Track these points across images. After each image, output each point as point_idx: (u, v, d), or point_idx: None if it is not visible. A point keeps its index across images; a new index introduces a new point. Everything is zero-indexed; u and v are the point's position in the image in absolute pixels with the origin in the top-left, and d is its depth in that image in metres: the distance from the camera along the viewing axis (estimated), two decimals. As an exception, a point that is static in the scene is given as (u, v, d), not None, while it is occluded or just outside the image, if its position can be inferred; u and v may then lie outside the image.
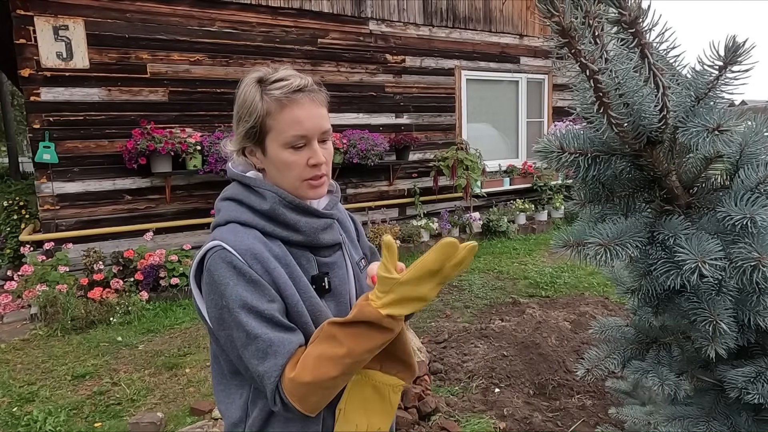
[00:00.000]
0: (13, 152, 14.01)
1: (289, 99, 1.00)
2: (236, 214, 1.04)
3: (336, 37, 6.82)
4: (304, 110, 1.00)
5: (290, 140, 1.01)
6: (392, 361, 1.05)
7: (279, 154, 1.02)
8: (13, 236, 6.46)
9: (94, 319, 4.66)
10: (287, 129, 1.00)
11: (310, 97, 1.02)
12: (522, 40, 8.63)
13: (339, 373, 0.93)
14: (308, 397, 0.93)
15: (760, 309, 0.98)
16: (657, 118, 0.86)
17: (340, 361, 0.92)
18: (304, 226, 1.05)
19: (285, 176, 1.04)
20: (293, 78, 1.01)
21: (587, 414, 2.88)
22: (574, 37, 0.78)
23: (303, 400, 0.93)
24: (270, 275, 0.99)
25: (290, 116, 1.00)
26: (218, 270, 0.96)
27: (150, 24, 5.61)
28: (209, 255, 0.98)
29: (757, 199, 0.89)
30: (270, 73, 1.03)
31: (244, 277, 0.96)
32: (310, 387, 0.92)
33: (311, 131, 1.01)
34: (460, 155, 7.34)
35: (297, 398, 0.93)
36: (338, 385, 0.96)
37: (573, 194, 1.11)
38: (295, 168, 1.02)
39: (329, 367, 0.92)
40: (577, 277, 5.63)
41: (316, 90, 1.04)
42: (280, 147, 1.02)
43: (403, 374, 1.06)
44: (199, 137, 5.64)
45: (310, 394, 0.93)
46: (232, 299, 0.95)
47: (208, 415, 2.85)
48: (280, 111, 1.00)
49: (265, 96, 1.01)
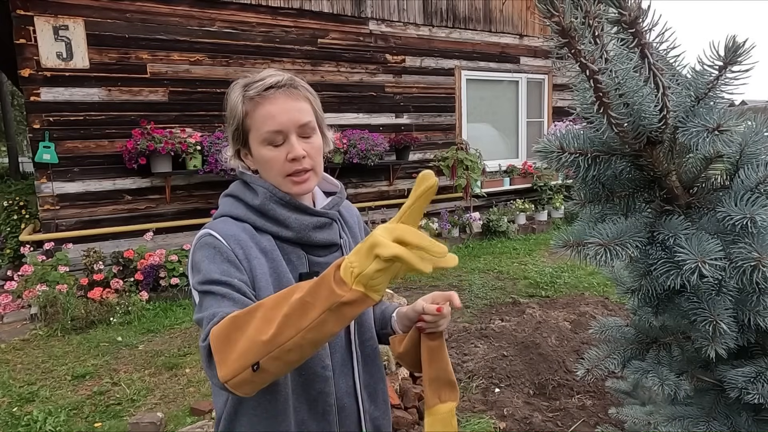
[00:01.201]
0: (13, 152, 14.02)
1: (261, 96, 1.01)
2: (231, 209, 1.07)
3: (336, 37, 6.82)
4: (277, 105, 1.01)
5: (266, 136, 1.02)
6: (446, 388, 1.10)
7: (259, 152, 1.04)
8: (13, 236, 6.47)
9: (94, 319, 4.66)
10: (262, 125, 1.02)
11: (286, 92, 1.02)
12: (522, 40, 8.63)
13: (266, 311, 0.78)
14: (230, 336, 0.79)
15: (760, 309, 0.98)
16: (657, 118, 0.86)
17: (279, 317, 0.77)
18: (294, 222, 1.05)
19: (268, 174, 1.06)
20: (269, 77, 1.03)
21: (587, 414, 2.88)
22: (574, 37, 0.78)
23: (223, 340, 0.80)
24: (249, 263, 0.99)
25: (263, 112, 1.01)
26: (199, 250, 0.99)
27: (150, 24, 5.61)
28: (196, 240, 1.02)
29: (757, 199, 0.89)
30: (252, 77, 1.06)
31: (221, 255, 0.97)
32: (234, 319, 0.80)
33: (286, 125, 1.01)
34: (460, 155, 7.35)
35: (217, 334, 0.80)
36: (259, 330, 0.77)
37: (573, 194, 1.11)
38: (274, 164, 1.03)
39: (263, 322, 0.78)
40: (577, 277, 5.63)
41: (293, 86, 1.04)
42: (259, 145, 1.04)
43: (454, 395, 1.12)
44: (199, 137, 5.64)
45: (233, 330, 0.79)
46: (203, 273, 0.95)
47: (208, 415, 2.85)
48: (255, 109, 1.02)
49: (244, 98, 1.03)
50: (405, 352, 1.14)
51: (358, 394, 1.11)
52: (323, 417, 1.05)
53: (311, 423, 1.04)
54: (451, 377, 1.12)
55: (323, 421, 1.05)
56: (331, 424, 1.06)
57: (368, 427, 1.13)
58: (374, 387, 1.15)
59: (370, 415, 1.13)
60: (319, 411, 1.05)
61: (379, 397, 1.16)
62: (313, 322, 0.74)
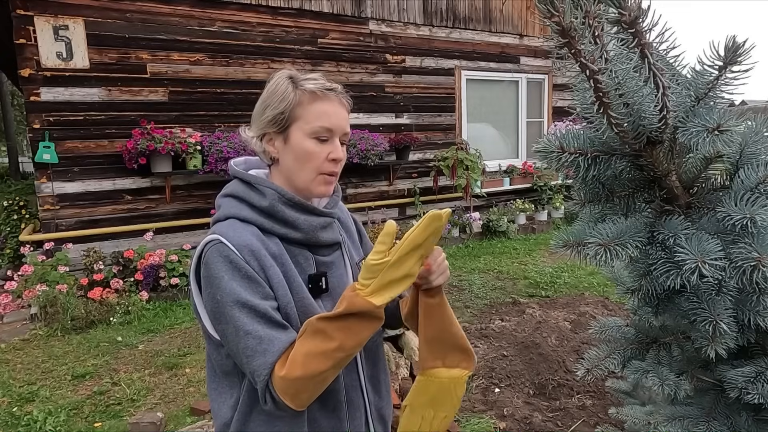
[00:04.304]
0: (13, 152, 14.01)
1: (323, 93, 1.05)
2: (236, 210, 1.05)
3: (336, 37, 6.82)
4: (334, 107, 1.06)
5: (317, 130, 1.04)
6: (454, 352, 1.07)
7: (302, 143, 1.05)
8: (13, 236, 6.46)
9: (94, 319, 4.66)
10: (315, 120, 1.04)
11: (340, 97, 1.08)
12: (522, 40, 8.63)
13: (330, 367, 0.93)
14: (300, 394, 0.93)
15: (760, 309, 0.98)
16: (657, 118, 0.86)
17: (331, 355, 0.93)
18: (303, 223, 1.05)
19: (303, 166, 1.06)
20: (325, 80, 1.08)
21: (587, 414, 2.88)
22: (574, 37, 0.78)
23: (295, 396, 0.93)
24: (265, 273, 0.99)
25: (321, 108, 1.04)
26: (215, 263, 0.97)
27: (150, 24, 5.61)
28: (207, 248, 0.99)
29: (757, 199, 0.89)
30: (301, 74, 1.08)
31: (239, 272, 0.96)
32: (301, 383, 0.92)
33: (336, 127, 1.06)
34: (460, 155, 7.34)
35: (289, 396, 0.93)
36: (328, 379, 0.96)
37: (573, 194, 1.11)
38: (315, 159, 1.05)
39: (320, 362, 0.92)
40: (577, 277, 5.63)
41: (344, 94, 1.10)
42: (305, 136, 1.04)
43: (466, 363, 1.08)
44: (199, 137, 5.64)
45: (302, 391, 0.93)
46: (226, 293, 0.95)
47: (208, 415, 2.85)
48: (312, 102, 1.04)
49: (299, 88, 1.05)
50: (409, 312, 1.13)
51: (363, 387, 1.12)
52: (334, 413, 1.06)
53: (323, 420, 1.05)
54: (460, 341, 1.08)
55: (334, 417, 1.06)
56: (342, 420, 1.07)
57: (373, 417, 1.14)
58: (377, 378, 1.17)
59: (375, 405, 1.15)
60: (330, 408, 1.06)
61: (382, 388, 1.18)
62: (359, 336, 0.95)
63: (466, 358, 1.08)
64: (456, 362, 1.07)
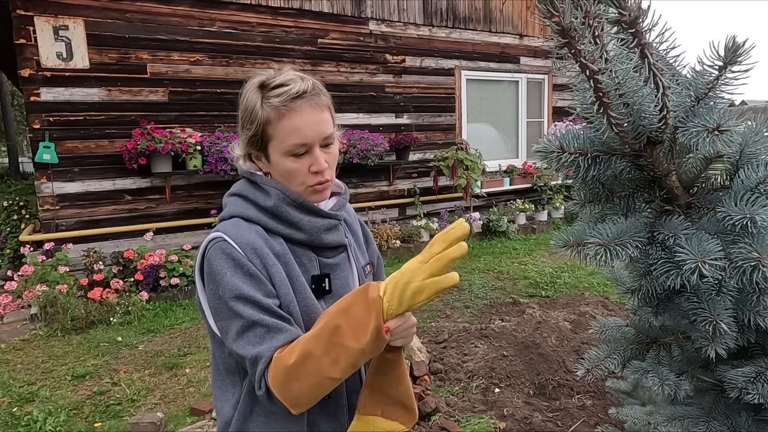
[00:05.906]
0: (13, 152, 14.02)
1: (287, 108, 0.98)
2: (241, 210, 1.05)
3: (336, 37, 6.82)
4: (303, 118, 0.99)
5: (290, 149, 1.00)
6: (394, 406, 1.03)
7: (281, 162, 1.02)
8: (13, 236, 6.46)
9: (94, 319, 4.66)
10: (287, 138, 0.99)
11: (311, 102, 1.00)
12: (522, 40, 8.63)
13: (322, 353, 0.89)
14: (290, 384, 0.90)
15: (760, 309, 0.98)
16: (657, 118, 0.86)
17: (330, 343, 0.90)
18: (307, 224, 1.05)
19: (289, 183, 1.05)
20: (293, 84, 0.99)
21: (587, 414, 2.88)
22: (574, 37, 0.78)
23: (284, 387, 0.91)
24: (267, 271, 0.99)
25: (289, 125, 0.99)
26: (217, 260, 0.97)
27: (150, 24, 5.61)
28: (210, 246, 1.00)
29: (757, 199, 0.89)
30: (272, 77, 1.02)
31: (242, 269, 0.96)
32: (291, 371, 0.89)
33: (311, 139, 1.00)
34: (460, 155, 7.35)
35: (278, 383, 0.90)
36: (322, 371, 0.90)
37: (573, 194, 1.11)
38: (297, 175, 1.03)
39: (316, 348, 0.90)
40: (577, 277, 5.63)
41: (317, 94, 1.02)
42: (281, 155, 1.02)
43: (404, 419, 1.04)
44: (199, 137, 5.64)
45: (292, 380, 0.90)
46: (228, 289, 0.95)
47: (208, 415, 2.85)
48: (279, 120, 0.99)
49: (265, 104, 1.00)
50: None
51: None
52: (335, 417, 1.06)
53: (323, 424, 1.05)
54: (405, 400, 1.04)
55: (335, 421, 1.06)
56: (343, 424, 1.06)
57: None
58: None
59: None
60: (331, 412, 1.05)
61: None
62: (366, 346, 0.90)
63: (407, 415, 1.05)
64: (395, 416, 1.04)
